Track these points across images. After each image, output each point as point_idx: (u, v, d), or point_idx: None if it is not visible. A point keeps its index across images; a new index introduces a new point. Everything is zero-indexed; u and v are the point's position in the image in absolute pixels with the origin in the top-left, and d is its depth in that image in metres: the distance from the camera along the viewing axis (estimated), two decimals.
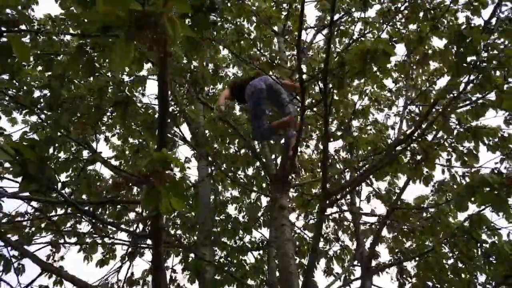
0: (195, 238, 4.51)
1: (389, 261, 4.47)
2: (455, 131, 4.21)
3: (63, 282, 4.64)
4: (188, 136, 5.03)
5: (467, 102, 3.62)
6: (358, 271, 5.06)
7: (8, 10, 1.65)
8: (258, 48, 4.23)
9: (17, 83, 3.40)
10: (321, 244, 5.98)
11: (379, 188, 4.94)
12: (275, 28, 4.92)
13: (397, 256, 4.53)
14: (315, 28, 5.10)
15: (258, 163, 5.50)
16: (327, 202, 3.11)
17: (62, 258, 4.82)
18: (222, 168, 4.45)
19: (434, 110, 3.78)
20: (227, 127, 4.20)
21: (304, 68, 4.46)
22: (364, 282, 4.02)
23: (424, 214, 4.83)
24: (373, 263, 4.34)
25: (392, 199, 4.70)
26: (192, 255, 4.58)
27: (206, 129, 4.18)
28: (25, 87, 3.58)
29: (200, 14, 1.91)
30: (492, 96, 2.94)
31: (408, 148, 4.60)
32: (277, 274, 4.87)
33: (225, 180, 5.72)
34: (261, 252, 5.68)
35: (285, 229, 3.56)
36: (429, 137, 5.00)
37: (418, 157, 4.38)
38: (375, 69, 2.63)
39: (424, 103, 4.55)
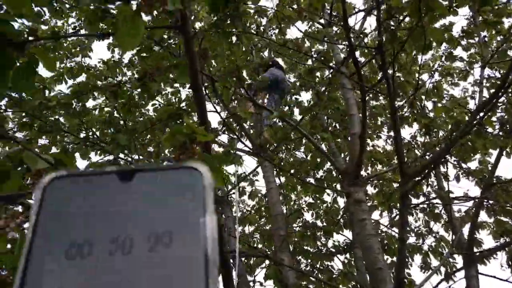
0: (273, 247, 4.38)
1: (494, 246, 3.91)
2: None
3: None
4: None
5: None
6: (459, 262, 4.51)
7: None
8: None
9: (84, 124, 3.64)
10: (413, 239, 5.49)
11: (469, 167, 4.40)
12: (321, 20, 4.74)
13: (503, 238, 3.95)
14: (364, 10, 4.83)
15: (328, 164, 5.29)
16: (408, 185, 2.80)
17: None
18: (290, 173, 4.31)
19: None
20: (288, 129, 4.07)
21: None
22: (468, 272, 3.53)
23: None
24: (476, 250, 3.81)
25: (486, 176, 4.14)
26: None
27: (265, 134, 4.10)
28: (93, 128, 3.84)
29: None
30: None
31: (495, 116, 4.06)
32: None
33: (295, 187, 5.56)
34: (347, 255, 5.37)
35: (366, 223, 3.28)
36: None
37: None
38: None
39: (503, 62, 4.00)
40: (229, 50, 2.73)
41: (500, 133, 3.90)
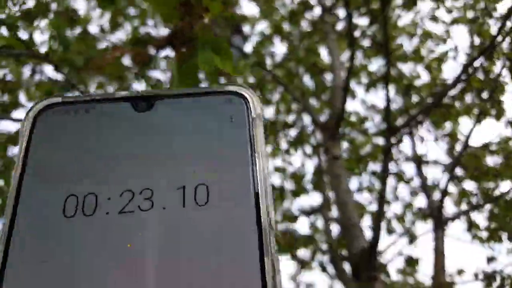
0: None
1: (460, 211, 3.95)
2: None
3: None
4: None
5: None
6: (420, 227, 4.56)
7: None
8: None
9: None
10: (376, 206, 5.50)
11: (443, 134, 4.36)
12: None
13: (468, 203, 4.01)
14: None
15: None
16: (392, 139, 2.64)
17: None
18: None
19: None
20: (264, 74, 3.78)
21: None
22: (437, 234, 3.53)
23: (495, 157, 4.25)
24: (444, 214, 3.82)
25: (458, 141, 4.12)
26: None
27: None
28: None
29: None
30: None
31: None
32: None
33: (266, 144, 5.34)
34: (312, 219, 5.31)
35: (342, 180, 3.13)
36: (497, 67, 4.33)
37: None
38: None
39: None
40: None
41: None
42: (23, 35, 2.71)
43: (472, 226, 4.25)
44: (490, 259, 3.49)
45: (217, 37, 0.68)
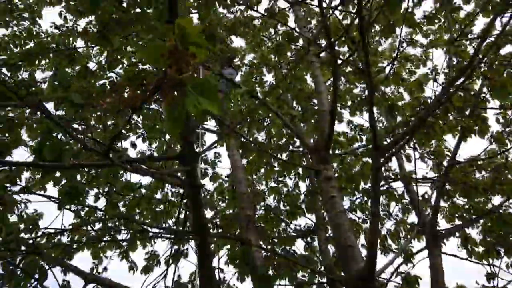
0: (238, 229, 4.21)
1: (452, 226, 4.04)
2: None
3: None
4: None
5: None
6: (417, 245, 4.62)
7: None
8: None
9: None
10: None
11: (430, 149, 4.50)
12: None
13: (460, 218, 4.09)
14: None
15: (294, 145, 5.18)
16: (381, 159, 2.74)
17: (105, 269, 4.65)
18: (257, 146, 4.15)
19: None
20: (254, 103, 3.90)
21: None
22: (432, 251, 3.59)
23: (483, 173, 4.38)
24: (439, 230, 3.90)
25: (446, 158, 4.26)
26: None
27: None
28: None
29: None
30: None
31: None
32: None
33: (259, 168, 5.41)
34: (309, 239, 5.33)
35: (335, 201, 3.21)
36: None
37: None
38: None
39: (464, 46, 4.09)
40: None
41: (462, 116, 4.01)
42: (24, 74, 2.81)
43: (467, 241, 4.33)
44: (491, 276, 3.53)
45: (204, 80, 0.77)
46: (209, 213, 5.59)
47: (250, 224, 3.43)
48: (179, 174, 2.48)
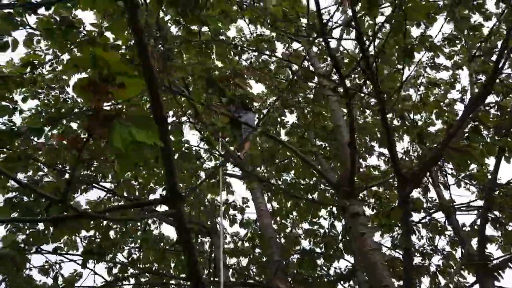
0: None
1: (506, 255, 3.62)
2: None
3: None
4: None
5: None
6: (470, 279, 4.18)
7: None
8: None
9: None
10: (418, 260, 5.15)
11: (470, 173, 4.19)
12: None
13: None
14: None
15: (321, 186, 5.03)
16: (407, 188, 2.57)
17: None
18: (282, 189, 4.05)
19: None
20: (275, 145, 3.87)
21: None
22: (485, 284, 3.21)
23: None
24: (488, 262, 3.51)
25: (486, 182, 3.92)
26: None
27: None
28: None
29: None
30: None
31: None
32: None
33: (290, 211, 5.26)
34: (351, 282, 4.99)
35: (366, 238, 3.00)
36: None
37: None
38: None
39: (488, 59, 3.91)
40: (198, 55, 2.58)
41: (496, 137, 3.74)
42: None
43: None
44: None
45: (139, 111, 0.74)
46: (244, 261, 5.45)
47: (278, 271, 3.26)
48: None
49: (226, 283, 3.67)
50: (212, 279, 4.05)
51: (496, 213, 4.23)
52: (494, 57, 4.24)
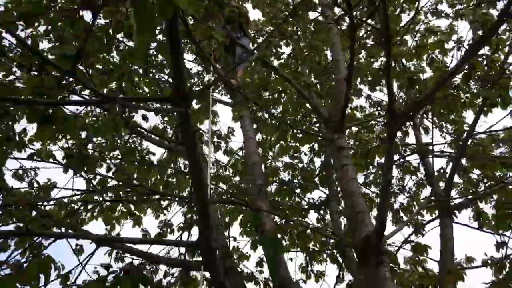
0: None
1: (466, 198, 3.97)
2: None
3: (123, 259, 4.58)
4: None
5: None
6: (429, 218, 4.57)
7: None
8: None
9: None
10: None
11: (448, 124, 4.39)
12: None
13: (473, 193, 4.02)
14: None
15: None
16: (396, 125, 2.69)
17: (118, 235, 4.78)
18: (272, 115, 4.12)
19: None
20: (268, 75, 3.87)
21: None
22: (443, 221, 3.55)
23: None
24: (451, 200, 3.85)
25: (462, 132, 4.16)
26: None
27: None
28: None
29: None
30: None
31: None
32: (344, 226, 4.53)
33: (274, 144, 5.42)
34: (321, 212, 5.36)
35: (348, 168, 3.20)
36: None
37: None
38: None
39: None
40: None
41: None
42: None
43: (479, 215, 4.26)
44: (500, 245, 3.49)
45: None
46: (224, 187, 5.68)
47: (261, 192, 3.46)
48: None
49: (213, 200, 3.88)
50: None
51: (464, 162, 4.53)
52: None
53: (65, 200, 3.83)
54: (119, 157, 4.49)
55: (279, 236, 4.18)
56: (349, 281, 5.00)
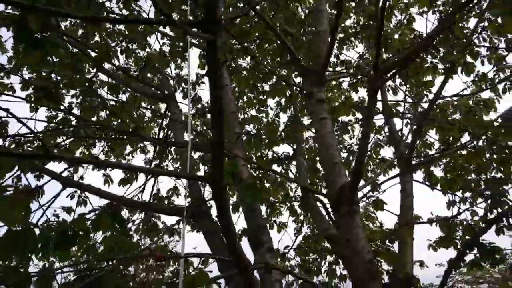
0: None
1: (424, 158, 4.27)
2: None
3: (87, 203, 4.44)
4: None
5: None
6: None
7: None
8: None
9: None
10: (344, 155, 5.79)
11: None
12: None
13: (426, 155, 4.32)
14: None
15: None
16: (378, 81, 2.76)
17: (81, 178, 4.61)
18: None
19: None
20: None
21: None
22: (404, 179, 3.81)
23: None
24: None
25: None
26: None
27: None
28: None
29: None
30: None
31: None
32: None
33: (240, 95, 5.34)
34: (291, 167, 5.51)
35: (326, 122, 3.26)
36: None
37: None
38: None
39: None
40: None
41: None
42: None
43: (430, 176, 4.62)
44: (451, 204, 3.82)
45: None
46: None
47: (238, 140, 3.45)
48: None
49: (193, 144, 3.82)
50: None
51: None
52: None
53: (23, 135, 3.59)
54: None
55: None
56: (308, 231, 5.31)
